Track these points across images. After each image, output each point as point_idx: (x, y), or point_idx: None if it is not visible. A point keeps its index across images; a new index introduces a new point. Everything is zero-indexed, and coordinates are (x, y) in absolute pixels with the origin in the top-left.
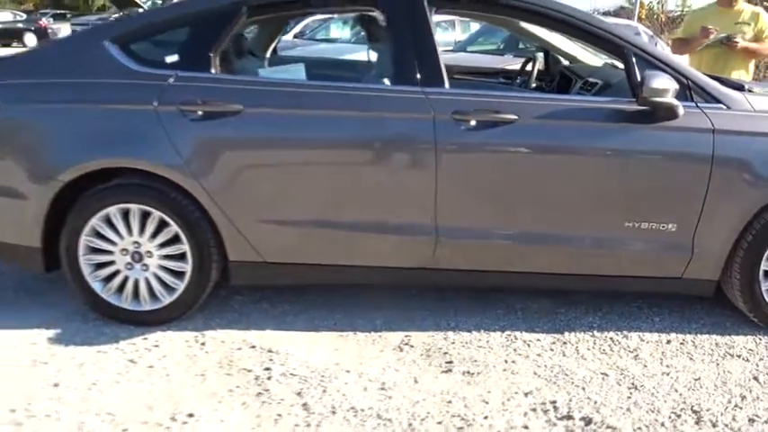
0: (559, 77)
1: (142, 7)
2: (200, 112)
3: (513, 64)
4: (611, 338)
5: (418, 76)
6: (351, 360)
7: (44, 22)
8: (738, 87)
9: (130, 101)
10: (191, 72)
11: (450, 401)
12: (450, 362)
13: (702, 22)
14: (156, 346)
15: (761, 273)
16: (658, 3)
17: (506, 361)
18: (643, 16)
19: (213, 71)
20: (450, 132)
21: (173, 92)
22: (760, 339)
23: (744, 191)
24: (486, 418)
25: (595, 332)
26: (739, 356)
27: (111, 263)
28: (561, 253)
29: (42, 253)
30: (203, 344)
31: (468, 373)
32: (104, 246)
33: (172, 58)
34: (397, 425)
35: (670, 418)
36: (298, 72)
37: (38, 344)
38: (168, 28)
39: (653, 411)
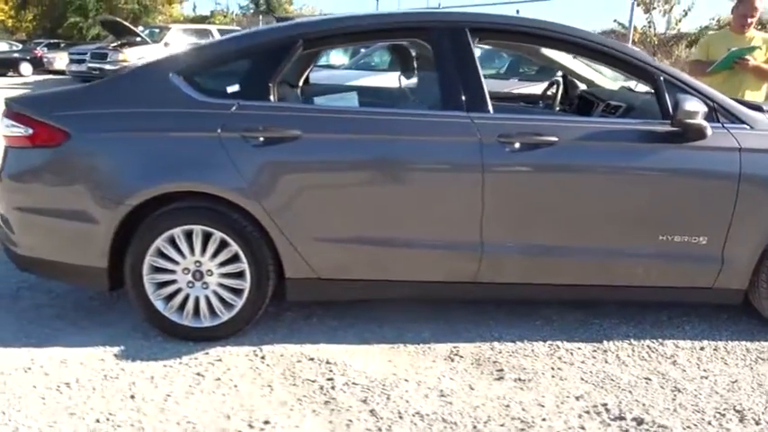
0: (579, 101)
1: (140, 35)
2: (261, 138)
3: (520, 87)
4: (647, 346)
5: (464, 102)
6: (406, 370)
7: (39, 51)
8: (758, 108)
9: (196, 129)
10: (251, 101)
11: (507, 405)
12: (501, 370)
13: (717, 45)
14: (219, 360)
15: None
16: (649, 26)
17: (553, 368)
18: (636, 39)
19: (272, 100)
20: (496, 154)
21: (235, 120)
22: None
23: (766, 203)
24: (544, 420)
25: (632, 340)
26: (765, 360)
27: (174, 281)
28: (598, 265)
29: (108, 273)
30: (263, 357)
31: (520, 379)
32: (168, 265)
33: (233, 89)
34: (462, 427)
35: (715, 417)
36: (351, 100)
37: (105, 360)
38: (229, 61)
39: (698, 411)
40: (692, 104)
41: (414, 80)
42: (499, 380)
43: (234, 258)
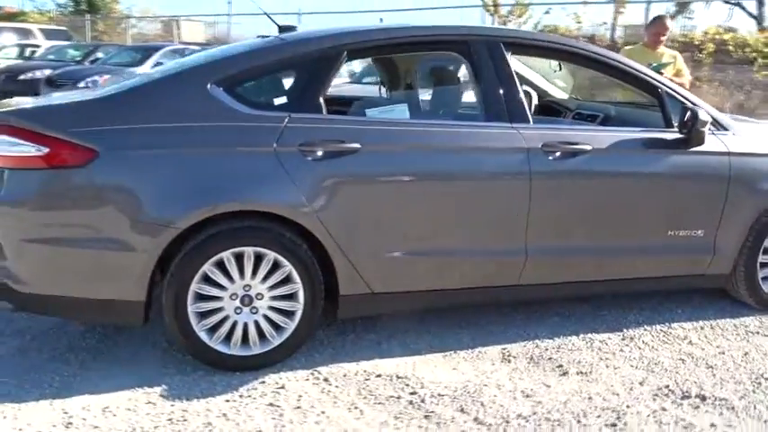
0: (540, 109)
1: None
2: (319, 153)
3: None
4: (660, 330)
5: (507, 113)
6: (476, 376)
7: None
8: None
9: (249, 144)
10: (303, 113)
11: (590, 398)
12: (560, 366)
13: (638, 60)
14: (282, 387)
15: (758, 264)
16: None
17: (601, 359)
18: None
19: (323, 112)
20: (541, 163)
21: (290, 133)
22: (761, 318)
23: (749, 199)
24: (628, 407)
25: (645, 327)
26: (758, 333)
27: (220, 309)
28: (623, 262)
29: (145, 306)
30: (326, 380)
31: (582, 373)
32: (214, 292)
33: (280, 101)
34: (567, 424)
35: (753, 385)
36: (402, 112)
37: (156, 403)
38: (273, 71)
39: (738, 382)
40: (704, 114)
41: (452, 92)
42: (564, 375)
43: (286, 279)
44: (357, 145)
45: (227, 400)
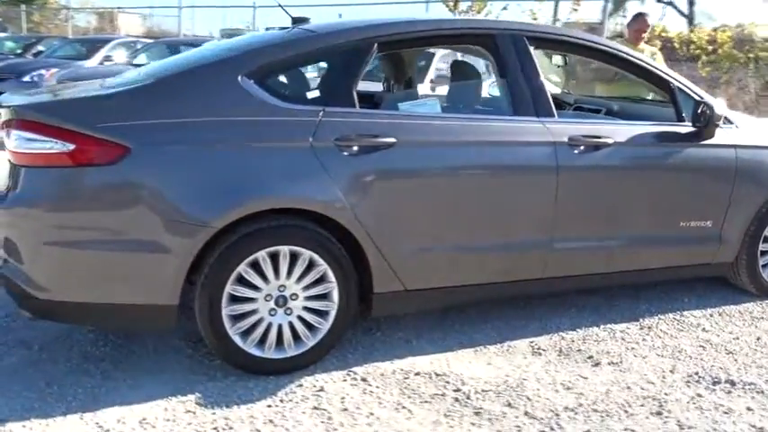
0: None
1: None
2: (355, 147)
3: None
4: (674, 319)
5: (534, 107)
6: (513, 370)
7: None
8: None
9: (284, 138)
10: (337, 107)
11: (628, 387)
12: (590, 357)
13: None
14: (321, 389)
15: (759, 252)
16: None
17: (627, 348)
18: None
19: (356, 106)
20: (567, 156)
21: (326, 128)
22: (761, 304)
23: (752, 190)
24: (666, 394)
25: (659, 316)
26: (762, 318)
27: (254, 311)
28: (640, 252)
29: (178, 310)
30: (364, 380)
31: (613, 363)
32: (249, 293)
33: (313, 94)
34: (615, 415)
35: None
36: (434, 105)
37: (195, 412)
38: (303, 63)
39: (760, 367)
40: (721, 108)
41: (480, 86)
42: (597, 366)
43: (320, 278)
44: (393, 139)
45: (269, 406)
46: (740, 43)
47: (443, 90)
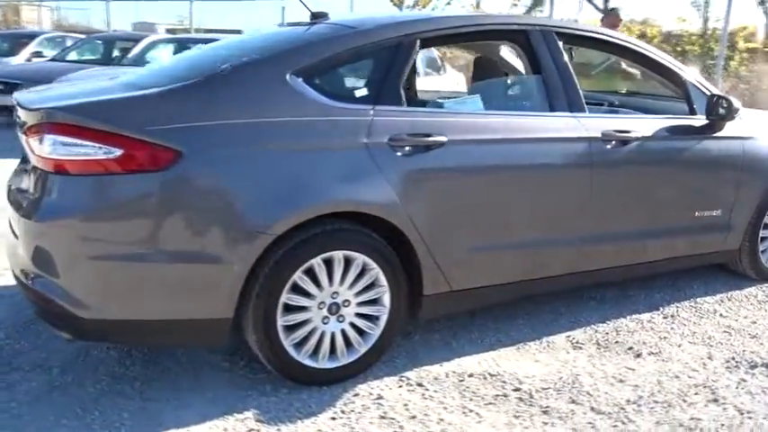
0: None
1: None
2: (408, 147)
3: None
4: (691, 306)
5: (567, 103)
6: (561, 365)
7: None
8: None
9: (341, 139)
10: (386, 106)
11: (677, 376)
12: (630, 348)
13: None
14: (380, 397)
15: (759, 239)
16: None
17: (660, 338)
18: None
19: (404, 104)
20: (600, 151)
21: (378, 127)
22: (761, 288)
23: (757, 179)
24: (714, 381)
25: (675, 304)
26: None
27: (308, 320)
28: (664, 243)
29: (232, 323)
30: (420, 384)
31: (653, 353)
32: (303, 302)
33: (361, 92)
34: (676, 406)
35: None
36: (476, 103)
37: (259, 430)
38: (349, 60)
39: None
40: (737, 102)
41: (516, 82)
42: (639, 356)
43: (372, 283)
44: (444, 138)
45: (333, 418)
46: (668, 38)
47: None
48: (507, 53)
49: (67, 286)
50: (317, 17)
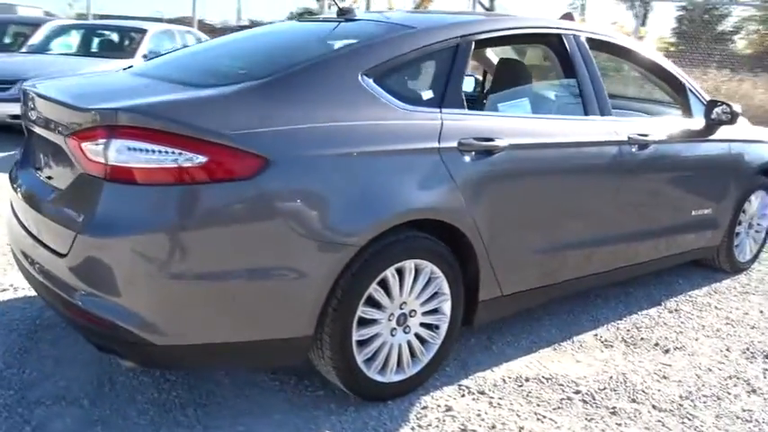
0: None
1: None
2: (474, 151)
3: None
4: (688, 300)
5: (599, 107)
6: (603, 364)
7: None
8: None
9: (417, 144)
10: (451, 108)
11: (710, 370)
12: (656, 344)
13: None
14: (449, 408)
15: (734, 234)
16: None
17: (677, 333)
18: None
19: (465, 107)
20: (628, 153)
21: (448, 131)
22: (736, 280)
23: (740, 178)
24: (744, 372)
25: (674, 299)
26: (748, 293)
27: (378, 334)
28: (668, 240)
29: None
30: (482, 392)
31: (678, 348)
32: (376, 315)
33: (428, 95)
34: (725, 397)
35: None
36: (525, 106)
37: None
38: (415, 61)
39: None
40: (737, 108)
41: (555, 86)
42: (667, 352)
43: (436, 292)
44: (506, 142)
45: None
46: None
47: None
48: (534, 56)
49: (135, 308)
50: (345, 13)
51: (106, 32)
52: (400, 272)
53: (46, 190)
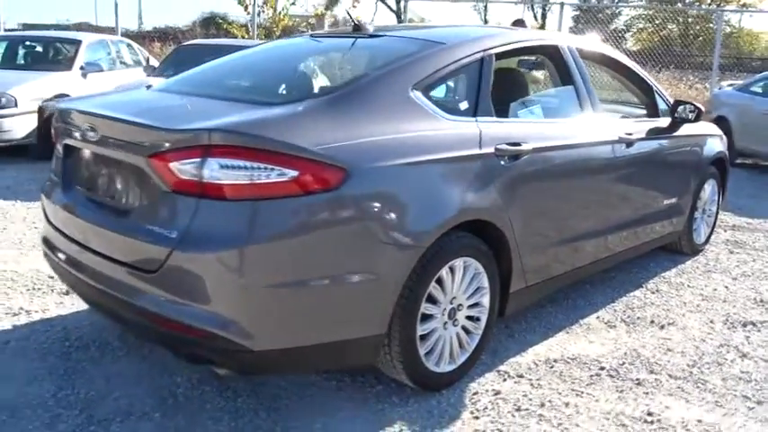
0: None
1: None
2: (507, 155)
3: None
4: (663, 281)
5: (593, 109)
6: (614, 343)
7: None
8: None
9: (464, 151)
10: (484, 117)
11: (704, 340)
12: (652, 322)
13: None
14: (498, 392)
15: (693, 219)
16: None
17: (664, 310)
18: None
19: (494, 114)
20: (620, 151)
21: (485, 138)
22: (696, 260)
23: (698, 169)
24: (730, 340)
25: (652, 281)
26: (710, 272)
27: (435, 329)
28: (645, 228)
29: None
30: (521, 376)
31: (671, 324)
32: (433, 310)
33: (463, 105)
34: (725, 363)
35: (759, 306)
36: (539, 112)
37: None
38: (450, 74)
39: (751, 308)
40: (701, 107)
41: (556, 92)
42: (663, 328)
43: (479, 286)
44: (530, 146)
45: (477, 417)
46: None
47: None
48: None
49: (234, 317)
50: (359, 29)
51: (36, 44)
52: (452, 269)
53: (109, 208)
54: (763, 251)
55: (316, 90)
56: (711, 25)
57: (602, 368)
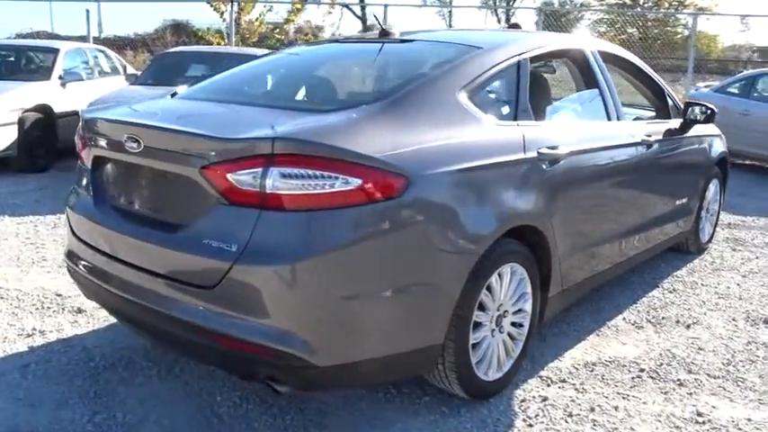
0: None
1: None
2: (548, 160)
3: None
4: (678, 281)
5: (616, 113)
6: (646, 344)
7: None
8: None
9: (511, 156)
10: (524, 121)
11: (731, 338)
12: (678, 321)
13: None
14: (545, 398)
15: (701, 218)
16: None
17: (686, 309)
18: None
19: (533, 118)
20: (642, 153)
21: (528, 143)
22: (702, 259)
23: (705, 168)
24: (757, 337)
25: (666, 280)
26: (718, 269)
27: (485, 337)
28: (663, 228)
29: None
30: (563, 380)
31: (696, 323)
32: (483, 318)
33: (505, 109)
34: (758, 361)
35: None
36: (570, 115)
37: None
38: (491, 79)
39: (766, 305)
40: (713, 107)
41: (583, 95)
42: (689, 327)
43: (523, 292)
44: (566, 149)
45: (531, 425)
46: None
47: None
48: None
49: (300, 333)
50: (385, 34)
51: (11, 53)
52: (500, 275)
53: (152, 221)
54: (764, 248)
55: (365, 96)
56: (669, 29)
57: (642, 370)
